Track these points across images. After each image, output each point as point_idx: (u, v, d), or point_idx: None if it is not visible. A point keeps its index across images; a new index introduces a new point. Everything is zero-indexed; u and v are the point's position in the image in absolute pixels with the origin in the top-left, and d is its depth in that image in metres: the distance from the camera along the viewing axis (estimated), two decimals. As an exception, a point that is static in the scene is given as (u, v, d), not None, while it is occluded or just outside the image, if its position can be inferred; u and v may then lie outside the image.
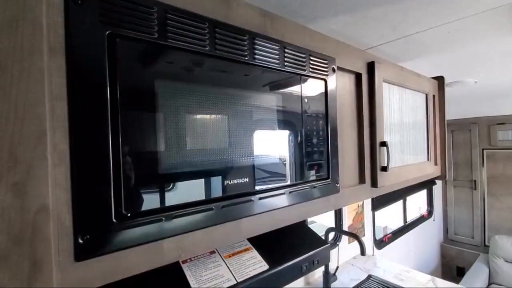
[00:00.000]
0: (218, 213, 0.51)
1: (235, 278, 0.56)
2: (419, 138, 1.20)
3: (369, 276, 1.52)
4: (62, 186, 0.36)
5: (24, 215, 0.32)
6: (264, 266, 0.61)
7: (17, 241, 0.31)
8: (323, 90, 0.73)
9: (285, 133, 0.64)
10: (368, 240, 1.91)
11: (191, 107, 0.49)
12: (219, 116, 0.53)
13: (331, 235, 1.70)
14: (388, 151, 0.89)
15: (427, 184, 2.70)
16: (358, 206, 1.80)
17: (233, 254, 0.62)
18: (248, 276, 0.57)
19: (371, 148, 0.89)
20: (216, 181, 0.51)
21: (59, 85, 0.37)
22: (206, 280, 0.54)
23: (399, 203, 2.50)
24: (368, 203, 1.90)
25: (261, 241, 0.68)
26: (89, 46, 0.38)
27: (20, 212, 0.31)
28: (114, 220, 0.39)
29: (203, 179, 0.50)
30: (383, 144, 0.89)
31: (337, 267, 1.45)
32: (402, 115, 1.05)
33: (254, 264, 0.61)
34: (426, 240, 2.73)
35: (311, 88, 0.70)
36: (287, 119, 0.64)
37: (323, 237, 1.39)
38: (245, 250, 0.65)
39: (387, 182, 0.93)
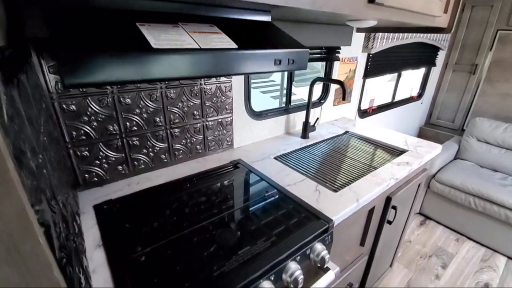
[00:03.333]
0: None
1: (198, 45, 0.52)
2: (438, -35, 1.00)
3: (346, 132, 1.61)
4: None
5: None
6: (233, 45, 0.57)
7: None
8: None
9: None
10: (352, 108, 1.95)
11: None
12: None
13: (317, 97, 1.71)
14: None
15: (428, 63, 2.58)
16: (350, 70, 1.74)
17: (199, 32, 0.57)
18: (213, 47, 0.53)
19: None
20: None
21: None
22: (165, 39, 0.49)
23: (392, 80, 2.45)
24: (360, 70, 1.83)
25: (234, 33, 0.62)
26: None
27: None
28: None
29: None
30: None
31: (318, 118, 1.51)
32: None
33: (222, 42, 0.56)
34: (407, 121, 2.84)
35: None
36: None
37: (308, 91, 1.38)
38: (214, 32, 0.59)
39: (386, 1, 0.82)
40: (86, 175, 0.91)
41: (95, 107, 0.86)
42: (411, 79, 2.74)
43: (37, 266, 0.27)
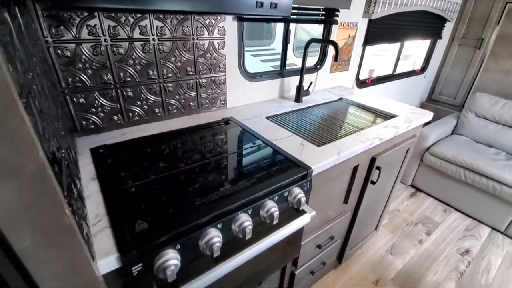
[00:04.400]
0: None
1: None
2: None
3: (340, 98, 1.63)
4: None
5: None
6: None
7: None
8: None
9: None
10: (350, 76, 1.94)
11: None
12: None
13: (313, 61, 1.70)
14: None
15: (433, 35, 2.52)
16: (349, 36, 1.72)
17: (181, -31, 0.58)
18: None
19: None
20: None
21: None
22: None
23: (394, 50, 2.41)
24: (360, 37, 1.81)
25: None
26: None
27: None
28: None
29: None
30: None
31: (311, 83, 1.52)
32: None
33: (204, -20, 0.58)
34: (408, 95, 2.82)
35: None
36: None
37: (303, 50, 1.38)
38: (197, -29, 0.60)
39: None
40: (83, 122, 0.97)
41: (88, 55, 0.89)
42: (415, 51, 2.68)
43: (23, 144, 0.32)
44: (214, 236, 0.64)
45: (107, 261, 0.52)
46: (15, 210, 0.33)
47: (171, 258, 0.58)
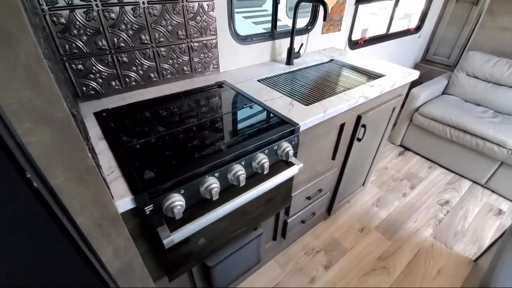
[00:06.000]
0: None
1: None
2: None
3: (331, 60, 1.66)
4: None
5: None
6: None
7: None
8: None
9: None
10: (342, 37, 1.94)
11: None
12: None
13: (303, 23, 1.70)
14: None
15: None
16: (341, -5, 1.69)
17: None
18: None
19: None
20: None
21: None
22: None
23: (389, 7, 2.37)
24: (352, -5, 1.78)
25: None
26: None
27: None
28: None
29: None
30: None
31: (302, 44, 1.55)
32: None
33: None
34: (402, 55, 2.82)
35: None
36: None
37: (294, 9, 1.38)
38: None
39: None
40: (84, 88, 1.02)
41: (82, 21, 0.91)
42: (411, 9, 2.62)
43: (52, 96, 0.39)
44: (213, 183, 0.74)
45: (123, 201, 0.62)
46: (49, 151, 0.42)
47: (177, 200, 0.68)
